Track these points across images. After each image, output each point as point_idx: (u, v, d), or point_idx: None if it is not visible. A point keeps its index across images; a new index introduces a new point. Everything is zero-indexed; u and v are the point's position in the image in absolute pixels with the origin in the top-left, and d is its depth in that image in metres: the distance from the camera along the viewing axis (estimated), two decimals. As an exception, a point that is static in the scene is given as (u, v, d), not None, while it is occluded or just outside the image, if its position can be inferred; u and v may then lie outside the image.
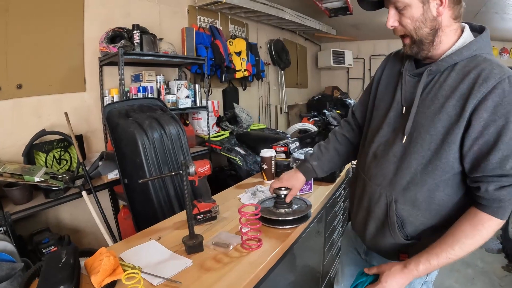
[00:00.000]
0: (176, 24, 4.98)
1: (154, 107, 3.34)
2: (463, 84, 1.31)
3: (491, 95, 1.25)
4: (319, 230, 2.65)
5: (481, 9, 6.80)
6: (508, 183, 1.26)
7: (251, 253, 1.70)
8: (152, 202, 2.80)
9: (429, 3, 1.35)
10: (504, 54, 9.89)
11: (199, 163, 2.00)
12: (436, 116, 1.36)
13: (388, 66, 1.72)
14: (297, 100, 9.21)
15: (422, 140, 1.40)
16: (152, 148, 2.86)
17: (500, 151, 1.24)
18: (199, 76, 5.25)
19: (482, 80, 1.27)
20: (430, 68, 1.43)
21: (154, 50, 4.00)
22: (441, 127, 1.35)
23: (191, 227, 1.72)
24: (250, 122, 5.39)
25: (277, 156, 3.02)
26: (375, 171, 1.59)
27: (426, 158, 1.40)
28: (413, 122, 1.44)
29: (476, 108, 1.26)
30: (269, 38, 7.73)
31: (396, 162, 1.50)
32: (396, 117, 1.54)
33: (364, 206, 1.67)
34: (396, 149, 1.50)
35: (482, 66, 1.31)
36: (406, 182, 1.47)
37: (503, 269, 4.30)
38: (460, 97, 1.31)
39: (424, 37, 1.40)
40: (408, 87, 1.51)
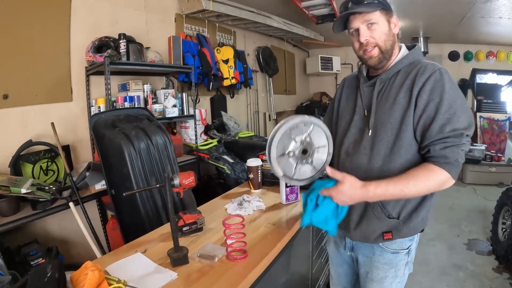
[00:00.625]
0: (163, 32, 4.98)
1: (140, 116, 3.34)
2: (408, 80, 1.74)
3: (428, 81, 1.68)
4: (306, 237, 2.66)
5: (467, 14, 6.88)
6: (450, 143, 1.62)
7: (237, 264, 1.71)
8: (140, 213, 2.79)
9: (390, 23, 1.80)
10: (490, 57, 10.07)
11: (184, 174, 2.00)
12: (392, 108, 1.75)
13: (346, 86, 2.14)
14: (285, 107, 9.23)
15: (385, 128, 1.76)
16: (139, 158, 2.86)
17: (439, 120, 1.63)
18: (187, 84, 5.24)
19: (420, 73, 1.71)
20: (381, 77, 1.84)
21: (140, 59, 3.99)
22: (397, 115, 1.74)
23: (176, 239, 1.73)
24: (238, 130, 5.40)
25: (264, 165, 3.02)
26: (350, 166, 1.88)
27: (391, 142, 1.76)
28: (374, 118, 1.80)
29: (419, 93, 1.68)
30: (256, 45, 7.76)
31: (367, 153, 1.83)
32: (361, 119, 1.91)
33: None
34: (365, 143, 1.84)
35: (419, 66, 1.75)
36: (379, 166, 1.79)
37: (493, 271, 4.34)
38: (407, 89, 1.73)
39: (389, 48, 1.81)
40: (366, 95, 1.90)
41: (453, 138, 1.61)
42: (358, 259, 2.06)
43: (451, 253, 4.88)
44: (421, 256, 4.66)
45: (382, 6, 1.76)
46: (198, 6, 5.10)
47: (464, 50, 10.20)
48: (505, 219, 4.78)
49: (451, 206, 6.83)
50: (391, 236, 1.84)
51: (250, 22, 6.43)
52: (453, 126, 1.61)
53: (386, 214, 1.82)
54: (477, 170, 8.21)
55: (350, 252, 2.11)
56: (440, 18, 7.29)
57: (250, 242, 1.90)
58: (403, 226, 1.81)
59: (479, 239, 5.29)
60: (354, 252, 2.09)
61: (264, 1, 5.97)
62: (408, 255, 1.94)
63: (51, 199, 3.05)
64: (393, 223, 1.83)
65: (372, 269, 1.97)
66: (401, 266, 1.94)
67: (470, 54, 10.17)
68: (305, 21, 7.18)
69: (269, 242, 1.96)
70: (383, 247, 1.92)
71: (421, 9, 6.61)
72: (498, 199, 4.97)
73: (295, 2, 5.75)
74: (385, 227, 1.84)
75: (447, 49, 10.29)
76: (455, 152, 1.62)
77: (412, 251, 1.97)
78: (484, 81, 10.22)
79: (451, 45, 10.18)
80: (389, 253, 1.91)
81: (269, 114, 8.30)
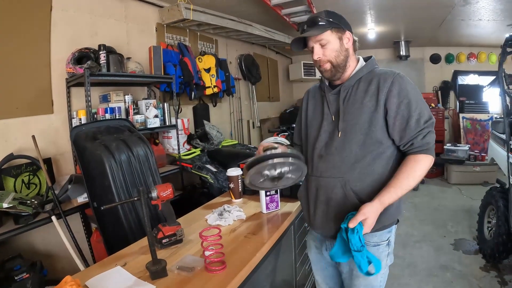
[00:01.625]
0: (144, 42, 4.98)
1: (121, 128, 3.34)
2: (371, 86, 1.95)
3: (393, 87, 1.89)
4: (288, 245, 2.67)
5: (447, 17, 6.97)
6: (426, 132, 1.88)
7: (215, 276, 1.72)
8: (123, 225, 2.79)
9: (342, 40, 2.00)
10: (471, 58, 10.24)
11: (162, 187, 2.00)
12: (359, 111, 1.95)
13: (310, 97, 2.30)
14: (269, 114, 9.28)
15: (355, 130, 1.95)
16: (120, 170, 2.86)
17: (414, 117, 1.87)
18: (168, 94, 5.24)
19: (383, 80, 1.92)
20: (344, 85, 2.03)
21: (121, 70, 3.99)
22: (365, 117, 1.93)
23: (153, 252, 1.74)
24: (221, 138, 5.40)
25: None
26: (324, 167, 2.05)
27: (361, 140, 1.94)
28: (343, 121, 1.98)
29: (387, 98, 1.89)
30: (239, 53, 7.79)
31: (338, 153, 1.99)
32: (329, 124, 2.06)
33: (323, 200, 2.06)
34: (336, 144, 2.00)
35: (379, 73, 1.98)
36: (351, 164, 1.96)
37: (481, 270, 4.38)
38: (372, 94, 1.93)
39: (341, 62, 2.00)
40: (332, 102, 2.07)
41: (427, 128, 1.88)
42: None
43: (438, 254, 4.90)
44: (408, 258, 4.70)
45: (334, 25, 1.97)
46: (178, 16, 5.10)
47: (446, 53, 10.37)
48: (490, 218, 4.82)
49: (437, 207, 6.88)
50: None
51: (231, 31, 6.45)
52: (424, 118, 1.89)
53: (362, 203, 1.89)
54: (461, 170, 8.31)
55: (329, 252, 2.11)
56: (421, 22, 7.39)
57: (229, 253, 1.91)
58: (380, 217, 1.86)
59: (466, 239, 5.33)
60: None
61: (245, 9, 5.98)
62: (388, 246, 2.10)
63: (33, 213, 3.03)
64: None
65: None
66: (383, 257, 2.07)
67: (452, 56, 10.35)
68: (286, 28, 7.20)
69: (248, 252, 1.98)
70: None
71: (402, 14, 6.69)
72: (483, 198, 5.00)
73: (276, 10, 5.76)
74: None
75: (428, 52, 10.45)
76: (431, 137, 1.91)
77: (391, 242, 2.13)
78: (466, 83, 10.41)
79: (433, 48, 10.34)
80: (370, 247, 2.02)
81: (252, 122, 8.33)
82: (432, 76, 10.59)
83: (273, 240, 2.21)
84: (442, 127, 9.74)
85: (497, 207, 4.39)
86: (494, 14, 6.70)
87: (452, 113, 10.40)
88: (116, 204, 2.17)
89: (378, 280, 2.09)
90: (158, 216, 2.71)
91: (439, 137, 9.29)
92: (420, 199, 7.30)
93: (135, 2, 4.93)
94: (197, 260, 1.84)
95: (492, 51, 9.92)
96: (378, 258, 1.89)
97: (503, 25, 7.29)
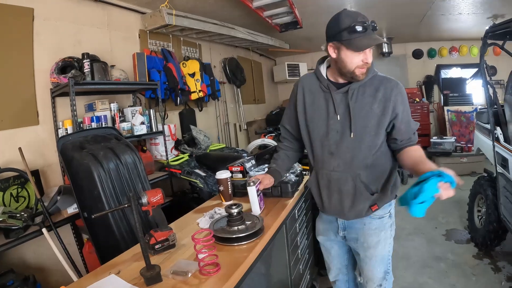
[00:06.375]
0: (128, 49, 4.96)
1: (108, 136, 3.31)
2: (378, 93, 2.20)
3: (397, 97, 2.20)
4: (281, 245, 2.67)
5: (427, 13, 7.05)
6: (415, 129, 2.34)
7: (210, 278, 1.72)
8: (114, 234, 2.77)
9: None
10: (453, 52, 10.40)
11: (151, 192, 2.00)
12: (368, 115, 2.21)
13: (306, 90, 2.45)
14: (255, 116, 9.29)
15: (365, 132, 2.22)
16: (109, 179, 2.84)
17: (411, 120, 2.31)
18: (154, 100, 5.20)
19: (390, 89, 2.20)
20: (352, 87, 2.22)
21: (105, 78, 3.97)
22: (374, 122, 2.21)
23: (147, 258, 1.73)
24: (208, 143, 5.39)
25: (234, 176, 3.07)
26: (336, 163, 2.30)
27: (370, 142, 2.23)
28: (355, 124, 2.21)
29: (395, 106, 2.19)
30: (223, 56, 7.79)
31: (350, 152, 2.26)
32: (336, 123, 2.27)
33: (335, 190, 2.35)
34: (347, 144, 2.25)
35: (382, 80, 2.25)
36: (361, 161, 2.26)
37: (474, 258, 4.44)
38: (380, 101, 2.20)
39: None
40: (339, 102, 2.26)
41: (415, 128, 2.34)
42: (352, 234, 2.52)
43: (430, 245, 4.96)
44: (401, 251, 4.74)
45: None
46: (161, 22, 5.09)
47: (428, 48, 10.54)
48: (479, 206, 4.89)
49: (427, 200, 6.88)
50: (377, 206, 2.34)
51: (214, 34, 6.45)
52: (414, 122, 2.34)
53: (370, 193, 2.32)
54: (449, 162, 8.36)
55: (343, 232, 2.55)
56: (402, 19, 7.46)
57: (223, 255, 1.91)
58: (383, 196, 2.34)
59: (457, 229, 5.41)
60: (347, 231, 2.54)
61: (228, 13, 5.99)
62: (390, 218, 2.51)
63: (23, 226, 2.99)
64: (375, 197, 2.33)
65: (366, 237, 2.46)
66: (387, 228, 2.49)
67: (434, 51, 10.51)
68: (269, 30, 7.22)
69: (242, 253, 1.98)
70: (371, 217, 2.42)
71: (383, 11, 6.74)
72: (471, 188, 5.07)
73: (258, 12, 5.77)
74: (371, 202, 2.33)
75: (410, 48, 10.61)
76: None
77: (392, 214, 2.54)
78: (449, 76, 10.57)
79: (415, 44, 10.50)
80: (376, 220, 2.44)
81: (239, 125, 8.34)
82: (415, 71, 10.75)
83: (265, 241, 2.21)
84: (427, 121, 9.92)
85: (486, 196, 4.47)
86: (474, 7, 6.79)
87: (436, 107, 10.53)
88: (106, 212, 2.16)
89: (386, 250, 2.53)
90: (150, 222, 2.69)
91: (425, 130, 9.55)
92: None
93: (118, 9, 4.91)
94: (191, 264, 1.83)
95: (473, 44, 10.07)
96: (383, 228, 2.45)
97: (483, 18, 7.40)
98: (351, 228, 2.51)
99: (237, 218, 2.18)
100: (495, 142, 4.18)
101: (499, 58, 9.49)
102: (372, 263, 2.51)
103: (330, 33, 2.18)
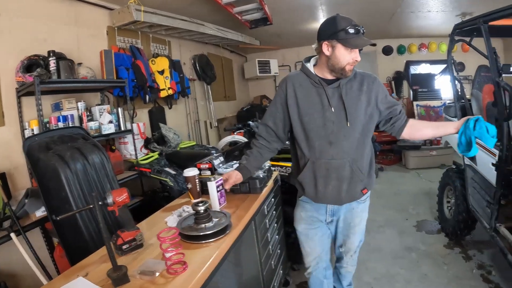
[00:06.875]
0: (96, 47, 4.86)
1: (75, 136, 3.25)
2: (363, 86, 2.50)
3: (379, 86, 2.56)
4: (250, 241, 2.68)
5: (397, 10, 7.13)
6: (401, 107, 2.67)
7: (178, 277, 1.71)
8: (83, 236, 2.71)
9: None
10: (422, 49, 10.60)
11: (117, 192, 1.96)
12: (358, 106, 2.46)
13: (297, 85, 2.57)
14: (226, 113, 9.28)
15: (357, 120, 2.46)
16: (76, 180, 2.78)
17: (394, 101, 2.65)
18: (122, 99, 5.11)
19: (371, 82, 2.53)
20: (341, 81, 2.46)
21: (72, 76, 3.89)
22: (362, 111, 2.48)
23: (113, 259, 1.71)
24: (178, 140, 5.35)
25: (202, 174, 3.08)
26: (336, 152, 2.48)
27: (361, 129, 2.49)
28: (349, 114, 2.43)
29: (377, 95, 2.52)
30: (193, 53, 7.75)
31: (346, 140, 2.46)
32: (331, 115, 2.46)
33: (333, 177, 2.53)
34: (344, 132, 2.45)
35: (364, 75, 2.56)
36: (355, 147, 2.50)
37: (445, 248, 4.56)
38: (365, 93, 2.49)
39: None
40: (331, 95, 2.46)
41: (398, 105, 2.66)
42: (340, 217, 2.80)
43: (402, 236, 5.04)
44: (372, 243, 4.80)
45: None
46: (129, 18, 5.03)
47: (397, 44, 10.74)
48: (449, 198, 5.02)
49: (397, 192, 7.06)
50: (367, 190, 2.66)
51: (184, 31, 6.41)
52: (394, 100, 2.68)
53: (362, 177, 2.57)
54: (418, 155, 8.70)
55: (331, 217, 2.80)
56: (372, 16, 7.53)
57: (191, 253, 1.92)
58: (370, 180, 2.68)
59: (428, 220, 5.52)
60: (335, 215, 2.79)
61: (197, 9, 5.96)
62: (368, 200, 2.85)
63: (-9, 231, 2.93)
64: (364, 180, 2.61)
65: (353, 218, 2.79)
66: (367, 208, 2.87)
67: (403, 48, 10.71)
68: (239, 26, 7.23)
69: (209, 251, 1.97)
70: (358, 201, 2.72)
71: (353, 8, 6.81)
72: (441, 179, 5.20)
73: (227, 8, 5.77)
74: (362, 185, 2.61)
75: (380, 45, 10.77)
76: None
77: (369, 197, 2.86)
78: (418, 72, 10.73)
79: (385, 40, 10.65)
80: (362, 203, 2.78)
81: (210, 122, 8.30)
82: (385, 67, 10.90)
83: (234, 237, 2.22)
84: None
85: (455, 187, 4.60)
86: (443, 5, 6.94)
87: (406, 102, 10.66)
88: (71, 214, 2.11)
89: (364, 225, 2.89)
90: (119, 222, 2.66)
91: None
92: (381, 186, 7.44)
93: (85, 5, 4.81)
94: (159, 263, 1.81)
95: (442, 40, 10.25)
96: (365, 209, 2.83)
97: (452, 15, 7.55)
98: (340, 212, 2.78)
99: (204, 216, 2.17)
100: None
101: (467, 55, 9.74)
102: (354, 237, 2.87)
103: (326, 33, 2.38)
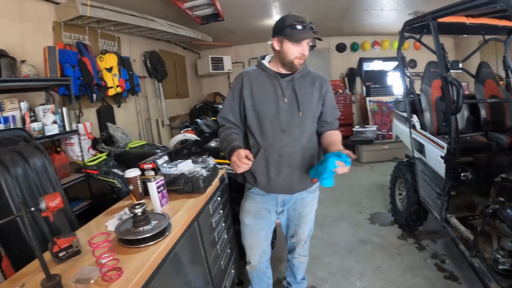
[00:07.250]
0: (41, 43, 4.57)
1: (16, 138, 3.09)
2: (316, 83, 2.74)
3: (328, 88, 2.80)
4: (194, 242, 2.62)
5: (350, 8, 7.22)
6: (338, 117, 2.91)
7: (113, 283, 1.66)
8: (27, 242, 2.58)
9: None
10: (375, 46, 10.91)
11: (50, 197, 1.87)
12: (310, 98, 2.70)
13: (253, 78, 2.73)
14: (179, 111, 9.18)
15: (308, 111, 2.68)
16: (17, 185, 2.65)
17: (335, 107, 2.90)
18: (68, 98, 4.87)
19: (324, 82, 2.79)
20: (295, 76, 2.67)
21: (14, 74, 3.72)
22: (314, 104, 2.72)
23: (45, 268, 1.66)
24: (127, 140, 5.21)
25: (146, 174, 3.02)
26: (288, 139, 2.65)
27: (312, 119, 2.73)
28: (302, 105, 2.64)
29: (326, 93, 2.77)
30: (143, 50, 7.61)
31: (298, 128, 2.66)
32: (284, 105, 2.64)
33: (286, 165, 2.68)
34: (296, 122, 2.64)
35: (316, 74, 2.80)
36: (306, 136, 2.70)
37: (398, 239, 4.67)
38: (317, 89, 2.73)
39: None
40: (284, 87, 2.66)
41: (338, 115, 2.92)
42: (291, 207, 2.98)
43: (355, 230, 5.10)
44: (326, 238, 4.85)
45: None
46: (75, 13, 4.85)
47: (351, 42, 11.01)
48: (401, 190, 5.14)
49: (350, 186, 7.13)
50: (316, 179, 2.59)
51: (133, 27, 6.29)
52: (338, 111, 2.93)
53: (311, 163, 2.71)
54: (371, 150, 8.92)
55: (281, 207, 2.96)
56: (325, 13, 7.61)
57: (128, 258, 1.87)
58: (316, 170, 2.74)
59: (381, 212, 5.63)
60: (286, 205, 2.96)
61: (147, 4, 5.85)
62: (318, 191, 3.06)
63: None
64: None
65: (304, 207, 2.98)
66: (316, 198, 3.07)
67: (356, 45, 10.99)
68: (191, 22, 7.15)
69: (147, 255, 1.92)
70: (308, 191, 2.92)
71: (306, 5, 6.86)
72: (392, 173, 5.30)
73: (177, 4, 5.67)
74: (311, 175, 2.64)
75: (334, 42, 10.99)
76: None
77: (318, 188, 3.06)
78: (371, 69, 10.99)
79: (338, 38, 10.88)
80: (311, 193, 2.97)
81: (161, 120, 8.20)
82: (339, 64, 11.15)
83: (174, 239, 2.18)
84: (350, 111, 10.42)
85: (406, 180, 4.74)
86: (396, 3, 7.08)
87: (359, 98, 10.94)
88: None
89: (313, 215, 3.12)
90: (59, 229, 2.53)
91: (348, 120, 10.08)
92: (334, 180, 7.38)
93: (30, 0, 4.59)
94: (94, 270, 1.74)
95: (395, 38, 10.41)
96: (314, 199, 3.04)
97: (405, 14, 7.69)
98: (290, 202, 2.95)
99: (142, 218, 2.09)
100: (411, 129, 4.45)
101: (419, 52, 10.15)
102: (305, 227, 3.08)
103: (275, 29, 2.59)
